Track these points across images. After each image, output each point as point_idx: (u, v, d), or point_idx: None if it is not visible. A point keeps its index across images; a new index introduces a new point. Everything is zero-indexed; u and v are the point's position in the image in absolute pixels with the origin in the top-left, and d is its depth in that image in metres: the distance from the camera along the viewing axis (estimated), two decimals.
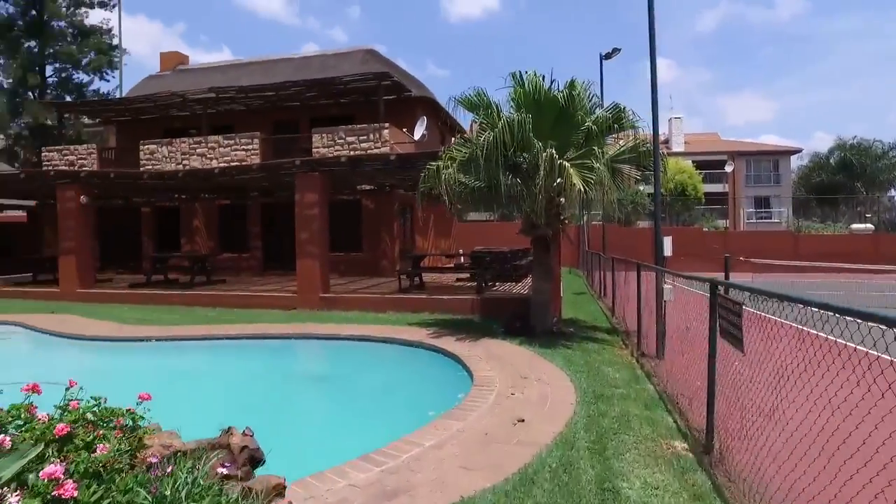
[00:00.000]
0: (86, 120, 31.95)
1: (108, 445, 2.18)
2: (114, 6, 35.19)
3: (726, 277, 6.68)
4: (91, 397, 2.58)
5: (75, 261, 14.34)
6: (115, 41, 35.37)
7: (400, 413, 6.10)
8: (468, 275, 14.83)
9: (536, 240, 9.34)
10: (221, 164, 16.87)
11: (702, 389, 4.56)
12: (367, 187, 17.98)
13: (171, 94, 19.26)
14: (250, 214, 19.92)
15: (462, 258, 19.45)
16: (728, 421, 3.89)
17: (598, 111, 9.06)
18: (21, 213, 24.02)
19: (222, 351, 9.12)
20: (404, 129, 18.16)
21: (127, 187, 15.74)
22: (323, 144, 17.35)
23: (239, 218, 20.05)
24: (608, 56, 19.16)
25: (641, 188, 28.32)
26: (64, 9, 33.46)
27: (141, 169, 16.03)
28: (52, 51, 33.30)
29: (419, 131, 18.10)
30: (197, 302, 13.25)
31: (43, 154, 20.41)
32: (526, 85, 8.71)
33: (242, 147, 18.31)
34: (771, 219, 42.42)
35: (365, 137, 17.11)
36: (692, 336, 5.42)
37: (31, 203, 21.62)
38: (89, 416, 2.49)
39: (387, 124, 17.04)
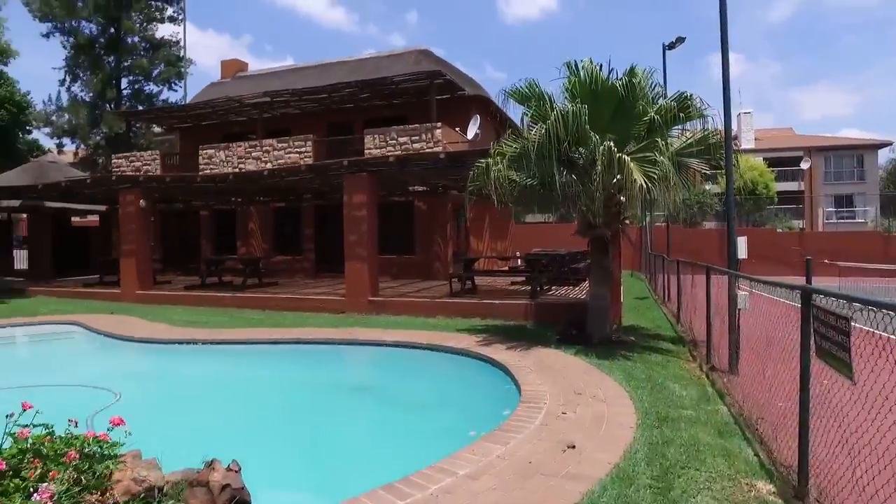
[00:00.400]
0: (156, 129, 33.52)
1: (52, 487, 1.81)
2: (181, 20, 36.75)
3: (808, 282, 5.83)
4: (43, 425, 2.22)
5: (135, 263, 14.71)
6: (183, 53, 36.86)
7: (437, 431, 5.60)
8: (523, 278, 14.19)
9: (594, 241, 8.65)
10: (272, 167, 16.98)
11: (789, 416, 3.83)
12: (420, 188, 17.64)
13: (227, 99, 19.64)
14: (304, 217, 20.01)
15: (519, 261, 18.80)
16: (832, 463, 3.16)
17: (662, 101, 8.27)
18: (96, 218, 25.21)
19: (261, 355, 8.94)
20: (457, 129, 17.74)
21: (183, 190, 16.07)
22: (375, 145, 17.17)
23: (292, 221, 20.19)
24: (671, 46, 18.07)
25: (707, 187, 26.72)
26: (137, 24, 35.22)
27: (198, 173, 16.34)
28: (126, 64, 35.18)
29: (472, 130, 17.64)
30: (248, 304, 13.27)
31: (112, 161, 21.32)
32: (581, 74, 8.06)
33: (296, 150, 18.42)
34: (854, 218, 39.26)
35: (417, 137, 16.81)
36: (775, 352, 4.65)
37: (103, 208, 22.62)
38: (55, 445, 2.13)
39: (439, 124, 16.67)
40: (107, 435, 2.31)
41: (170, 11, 36.29)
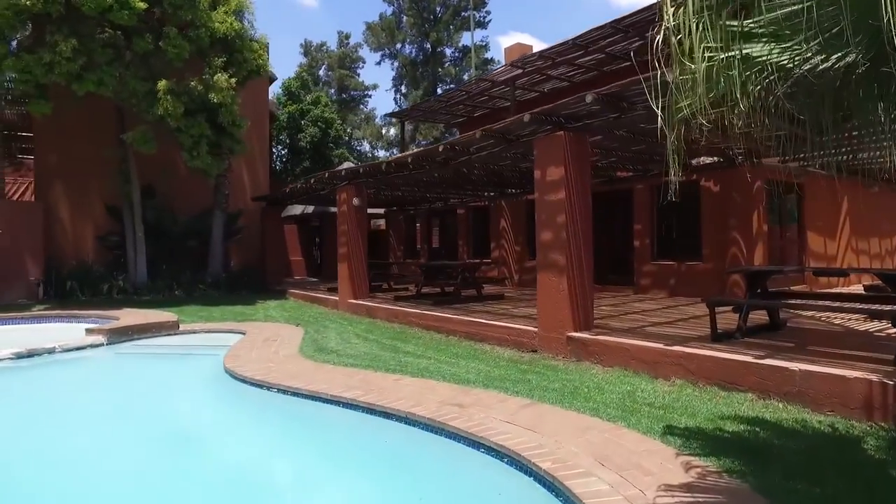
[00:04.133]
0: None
1: None
2: (488, 22, 36.80)
3: None
4: None
5: (347, 269, 13.25)
6: (489, 55, 36.95)
7: None
8: None
9: None
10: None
11: None
12: (707, 159, 11.65)
13: (476, 80, 17.12)
14: None
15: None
16: None
17: None
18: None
19: (306, 422, 5.64)
20: None
21: (385, 183, 13.99)
22: None
23: None
24: None
25: None
26: (446, 36, 36.78)
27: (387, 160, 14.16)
28: (439, 74, 37.11)
29: None
30: (432, 325, 10.18)
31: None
32: None
33: None
34: None
35: None
36: None
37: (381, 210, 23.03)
38: None
39: None
40: None
41: (477, 17, 36.77)
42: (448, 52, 37.43)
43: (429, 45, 36.44)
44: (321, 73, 51.45)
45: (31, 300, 15.35)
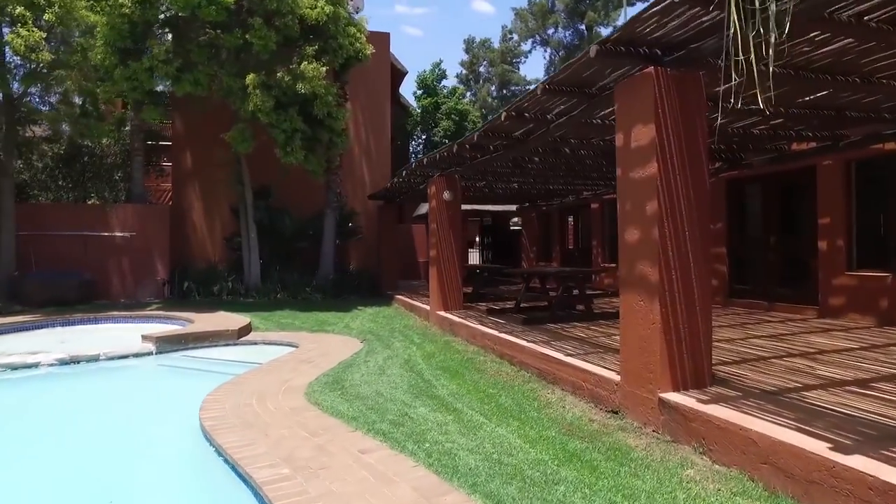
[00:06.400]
0: None
1: None
2: None
3: None
4: None
5: (437, 275, 11.27)
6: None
7: None
8: None
9: None
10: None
11: None
12: None
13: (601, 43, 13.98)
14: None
15: None
16: None
17: None
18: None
19: None
20: None
21: (478, 170, 11.64)
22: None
23: None
24: None
25: None
26: (601, 13, 32.91)
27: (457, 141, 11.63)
28: None
29: None
30: (506, 353, 7.76)
31: None
32: None
33: None
34: None
35: None
36: None
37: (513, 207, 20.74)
38: None
39: None
40: None
41: None
42: (605, 32, 33.65)
43: (583, 27, 33.02)
44: (482, 69, 50.61)
45: (159, 298, 15.96)
